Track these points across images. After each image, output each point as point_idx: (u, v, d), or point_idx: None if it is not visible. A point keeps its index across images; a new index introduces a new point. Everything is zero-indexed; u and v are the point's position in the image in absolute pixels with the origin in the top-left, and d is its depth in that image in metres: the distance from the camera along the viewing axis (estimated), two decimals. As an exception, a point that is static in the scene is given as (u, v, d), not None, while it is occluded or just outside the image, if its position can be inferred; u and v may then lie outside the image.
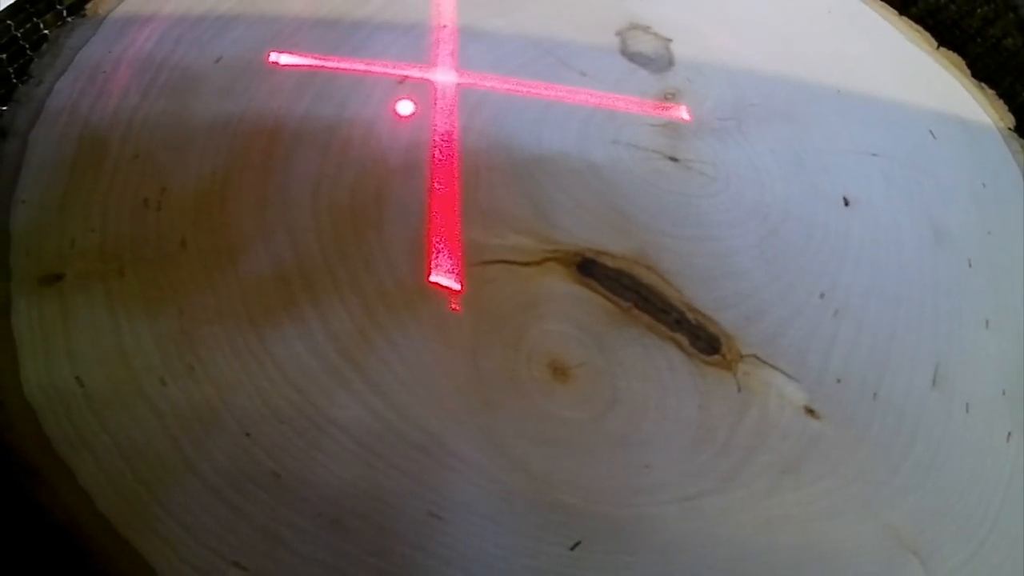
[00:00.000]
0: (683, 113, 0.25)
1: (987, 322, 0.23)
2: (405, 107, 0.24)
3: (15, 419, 0.20)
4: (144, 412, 0.20)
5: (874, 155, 0.26)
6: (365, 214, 0.22)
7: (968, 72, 0.29)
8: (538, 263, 0.21)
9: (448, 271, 0.21)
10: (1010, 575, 0.20)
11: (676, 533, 0.19)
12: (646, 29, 0.28)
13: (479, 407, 0.19)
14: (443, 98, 0.24)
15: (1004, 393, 0.22)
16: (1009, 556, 0.20)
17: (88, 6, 0.29)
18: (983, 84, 0.29)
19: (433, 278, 0.21)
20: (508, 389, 0.19)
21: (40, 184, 0.23)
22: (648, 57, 0.26)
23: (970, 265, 0.24)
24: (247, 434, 0.19)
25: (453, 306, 0.20)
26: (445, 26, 0.26)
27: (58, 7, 0.32)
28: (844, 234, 0.24)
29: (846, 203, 0.24)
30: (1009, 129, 0.28)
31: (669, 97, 0.25)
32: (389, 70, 0.25)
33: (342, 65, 0.25)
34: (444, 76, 0.25)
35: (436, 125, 0.23)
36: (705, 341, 0.21)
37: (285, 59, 0.25)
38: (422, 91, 0.24)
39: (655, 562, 0.18)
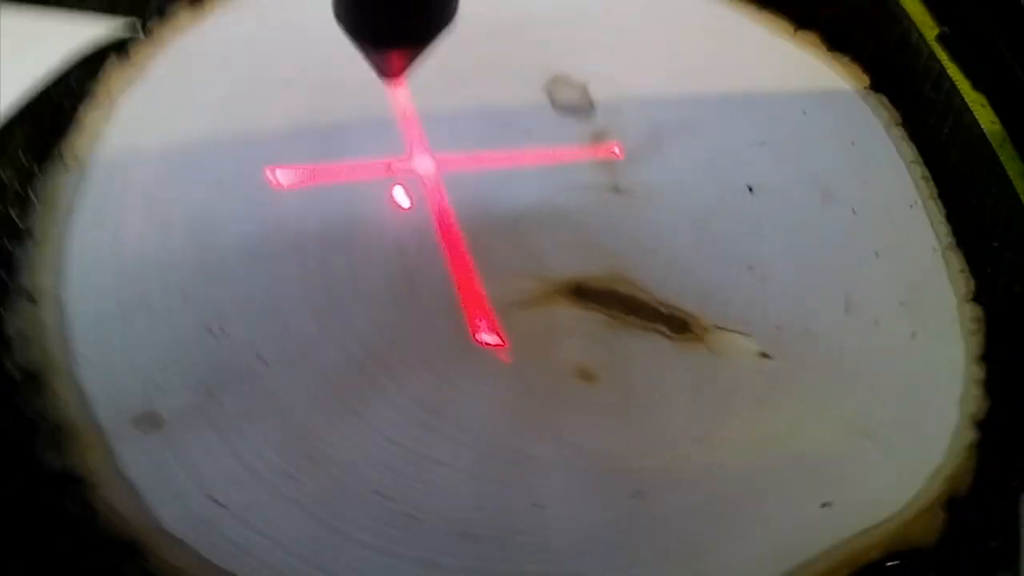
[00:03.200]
0: (613, 149, 0.39)
1: (876, 253, 0.38)
2: (402, 199, 0.36)
3: (168, 552, 0.27)
4: (285, 507, 0.29)
5: (763, 143, 0.40)
6: (404, 297, 0.34)
7: (824, 46, 0.44)
8: (546, 298, 0.34)
9: (487, 329, 0.33)
10: (933, 441, 0.34)
11: (698, 466, 0.31)
12: (567, 80, 0.41)
13: (541, 417, 0.31)
14: (429, 182, 0.37)
15: (902, 304, 0.37)
16: (928, 421, 0.34)
17: (64, 151, 0.36)
18: (837, 53, 0.44)
19: (478, 337, 0.33)
20: (556, 399, 0.32)
21: (94, 339, 0.31)
22: (573, 106, 0.40)
23: (854, 212, 0.39)
24: (376, 493, 0.30)
25: (501, 357, 0.33)
26: (406, 115, 0.38)
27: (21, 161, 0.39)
28: (755, 214, 0.38)
29: (750, 190, 0.39)
30: (866, 88, 0.43)
31: (599, 137, 0.39)
32: (376, 168, 0.37)
33: (334, 172, 0.36)
34: (423, 164, 0.37)
35: (432, 208, 0.36)
36: (678, 325, 0.34)
37: (282, 176, 0.36)
38: (410, 180, 0.37)
39: (689, 492, 0.31)
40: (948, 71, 0.46)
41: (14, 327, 0.32)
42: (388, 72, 0.29)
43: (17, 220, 0.37)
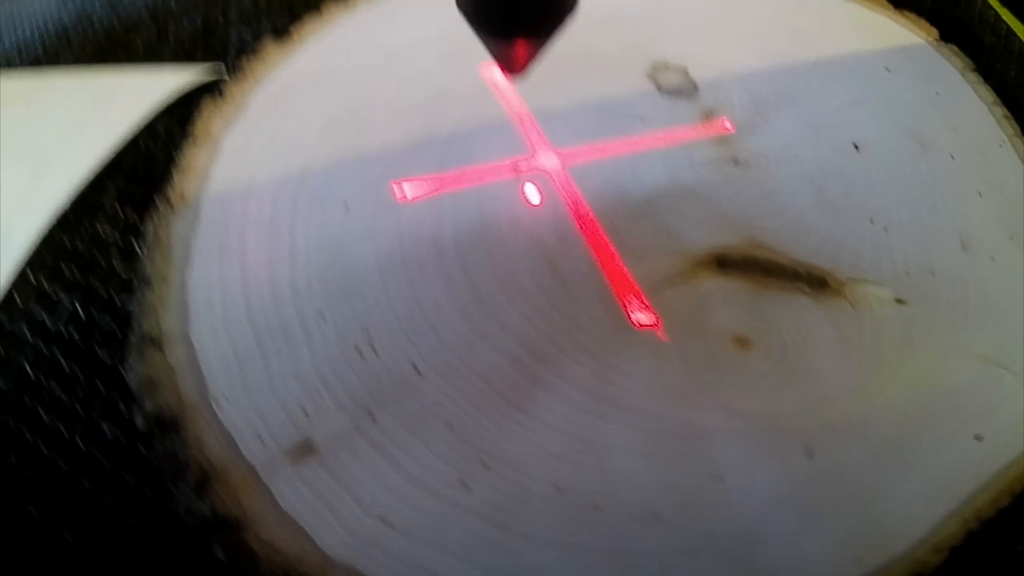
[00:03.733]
0: (725, 124, 0.40)
1: (979, 193, 0.39)
2: (532, 194, 0.37)
3: None
4: (459, 517, 0.29)
5: (857, 102, 0.41)
6: (553, 290, 0.34)
7: (890, 6, 0.46)
8: (690, 273, 0.35)
9: (641, 311, 0.34)
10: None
11: (857, 416, 0.32)
12: (666, 65, 0.42)
13: (708, 389, 0.32)
14: (558, 177, 0.37)
15: (1011, 238, 0.38)
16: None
17: (171, 194, 0.37)
18: (903, 10, 0.45)
19: (635, 319, 0.34)
20: (717, 368, 0.33)
21: (233, 375, 0.31)
22: (679, 89, 0.41)
23: (952, 157, 0.40)
24: (555, 487, 0.30)
25: (659, 334, 0.33)
26: (520, 115, 0.40)
27: (119, 214, 0.40)
28: (864, 170, 0.39)
29: (856, 147, 0.40)
30: (935, 39, 0.45)
31: (709, 115, 0.40)
32: (502, 168, 0.38)
33: (462, 177, 0.37)
34: (548, 160, 0.38)
35: (564, 200, 0.37)
36: (817, 282, 0.35)
37: (408, 188, 0.37)
38: (538, 177, 0.38)
39: (853, 443, 0.32)
40: (1003, 16, 0.47)
41: (141, 377, 0.32)
42: (513, 64, 0.29)
43: (124, 273, 0.37)
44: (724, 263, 0.36)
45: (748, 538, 0.30)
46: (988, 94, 0.43)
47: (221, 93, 0.40)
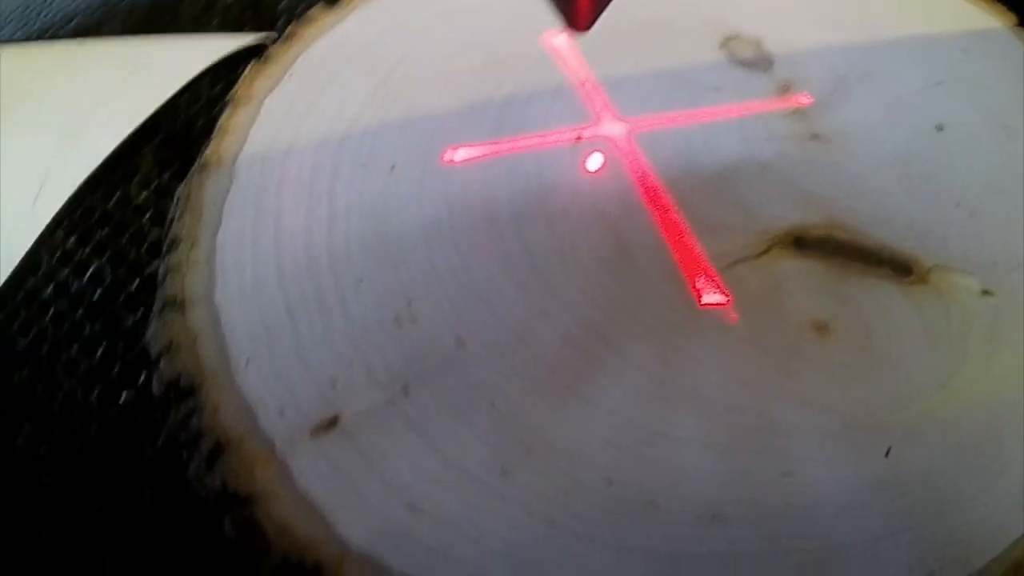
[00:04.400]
0: (803, 98, 0.37)
1: None
2: (594, 162, 0.34)
3: (355, 571, 0.24)
4: (501, 507, 0.26)
5: (938, 84, 0.39)
6: (616, 265, 0.31)
7: (966, -11, 0.43)
8: (766, 251, 0.32)
9: (712, 290, 0.31)
10: None
11: (942, 416, 0.29)
12: (738, 37, 0.39)
13: (783, 378, 0.29)
14: (623, 146, 0.34)
15: None
16: None
17: (207, 155, 0.34)
18: (980, -4, 0.43)
19: (705, 301, 0.31)
20: (794, 356, 0.30)
21: (259, 342, 0.29)
22: (754, 61, 0.38)
23: None
24: (609, 481, 0.27)
25: (730, 315, 0.30)
26: (584, 82, 0.37)
27: (156, 178, 0.39)
28: (948, 152, 0.36)
29: (939, 129, 0.37)
30: (1015, 25, 0.42)
31: (785, 89, 0.37)
32: (563, 135, 0.35)
33: (519, 144, 0.34)
34: (613, 127, 0.35)
35: (630, 170, 0.34)
36: (901, 268, 0.32)
37: (462, 153, 0.34)
38: (601, 145, 0.35)
39: (938, 444, 0.29)
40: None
41: (160, 341, 0.30)
42: (577, 17, 0.26)
43: (155, 236, 0.36)
44: (803, 243, 0.33)
45: (819, 544, 0.27)
46: None
47: (267, 56, 0.38)
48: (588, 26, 0.27)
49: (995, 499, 0.28)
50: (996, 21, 0.42)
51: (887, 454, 0.28)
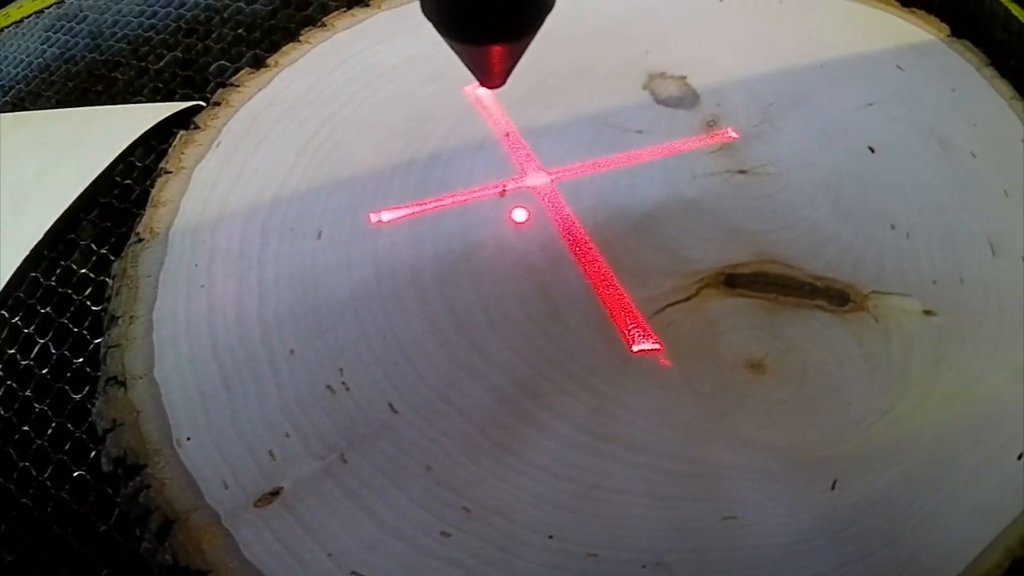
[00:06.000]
0: (731, 132, 0.36)
1: (1005, 192, 0.35)
2: (520, 214, 0.33)
3: None
4: (442, 568, 0.25)
5: (871, 104, 0.38)
6: (544, 318, 0.31)
7: (897, 4, 0.42)
8: (696, 294, 0.31)
9: (642, 337, 0.30)
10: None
11: (888, 443, 0.29)
12: (663, 75, 0.39)
13: (717, 421, 0.29)
14: (546, 196, 0.34)
15: None
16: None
17: (141, 228, 0.34)
18: (912, 8, 0.42)
19: (637, 348, 0.30)
20: (728, 397, 0.29)
21: (197, 415, 0.29)
22: (679, 98, 0.38)
23: (974, 155, 0.36)
24: (550, 537, 0.26)
25: (662, 362, 0.30)
26: (508, 134, 0.36)
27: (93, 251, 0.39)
28: (882, 173, 0.35)
29: (872, 150, 0.36)
30: (948, 36, 0.41)
31: (712, 124, 0.37)
32: (487, 190, 0.34)
33: (443, 201, 0.34)
34: (537, 179, 0.35)
35: (555, 220, 0.33)
36: (837, 297, 0.31)
37: (388, 215, 0.34)
38: (525, 197, 0.34)
39: (885, 472, 0.28)
40: (1013, 11, 0.43)
41: (105, 418, 0.30)
42: (490, 74, 0.26)
43: (95, 308, 0.36)
44: (734, 281, 0.32)
45: None
46: (1006, 89, 0.39)
47: (195, 125, 0.37)
48: (502, 82, 0.26)
49: (949, 519, 0.27)
50: (930, 33, 0.41)
51: (833, 487, 0.28)
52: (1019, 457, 0.29)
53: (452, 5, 0.23)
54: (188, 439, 0.28)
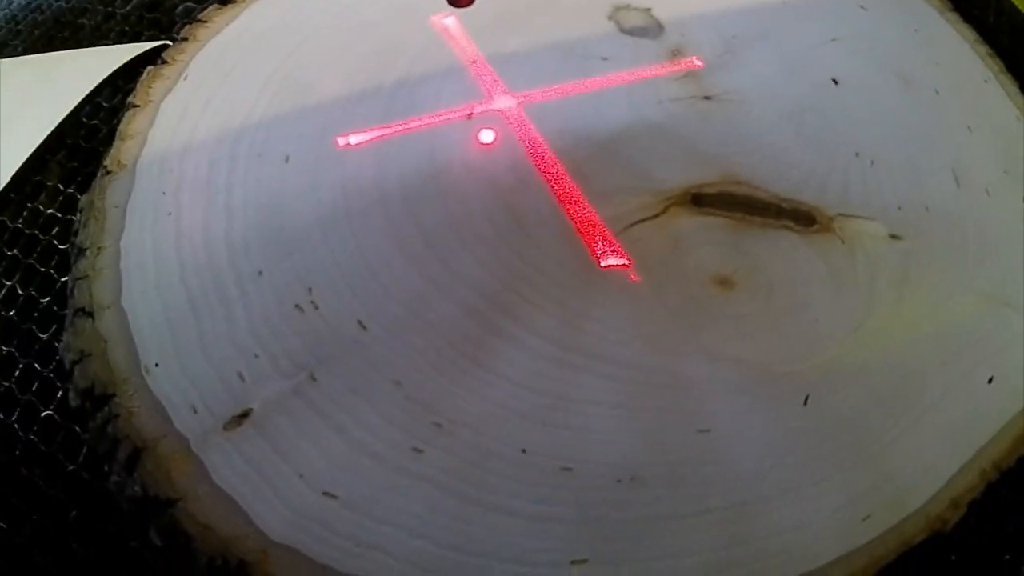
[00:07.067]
0: (695, 61, 0.37)
1: (969, 127, 0.36)
2: (487, 136, 0.33)
3: (277, 565, 0.24)
4: (414, 486, 0.25)
5: (834, 40, 0.38)
6: (512, 234, 0.31)
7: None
8: (663, 211, 0.31)
9: (609, 250, 0.30)
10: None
11: (856, 361, 0.29)
12: (628, 7, 0.39)
13: (687, 333, 0.29)
14: (513, 119, 0.34)
15: (1006, 172, 0.35)
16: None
17: (108, 162, 0.34)
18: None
19: (605, 263, 0.30)
20: (697, 311, 0.29)
21: (165, 341, 0.28)
22: (643, 29, 0.38)
23: (937, 92, 0.37)
24: (523, 451, 0.26)
25: (631, 277, 0.30)
26: (475, 61, 0.36)
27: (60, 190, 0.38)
28: (846, 105, 0.36)
29: (835, 83, 0.37)
30: (910, -19, 0.42)
31: (676, 54, 0.37)
32: (454, 113, 0.34)
33: (411, 125, 0.34)
34: (504, 102, 0.35)
35: (522, 142, 0.33)
36: (804, 218, 0.32)
37: (355, 139, 0.33)
38: (492, 120, 0.34)
39: (854, 389, 0.28)
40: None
41: (72, 351, 0.29)
42: None
43: (62, 244, 0.36)
44: (700, 200, 0.32)
45: (743, 498, 0.26)
46: (969, 33, 0.40)
47: (163, 60, 0.37)
48: (470, 1, 0.26)
49: (921, 440, 0.27)
50: (892, -23, 0.42)
51: (805, 402, 0.28)
52: (989, 381, 0.29)
53: None
54: (156, 365, 0.28)
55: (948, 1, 0.41)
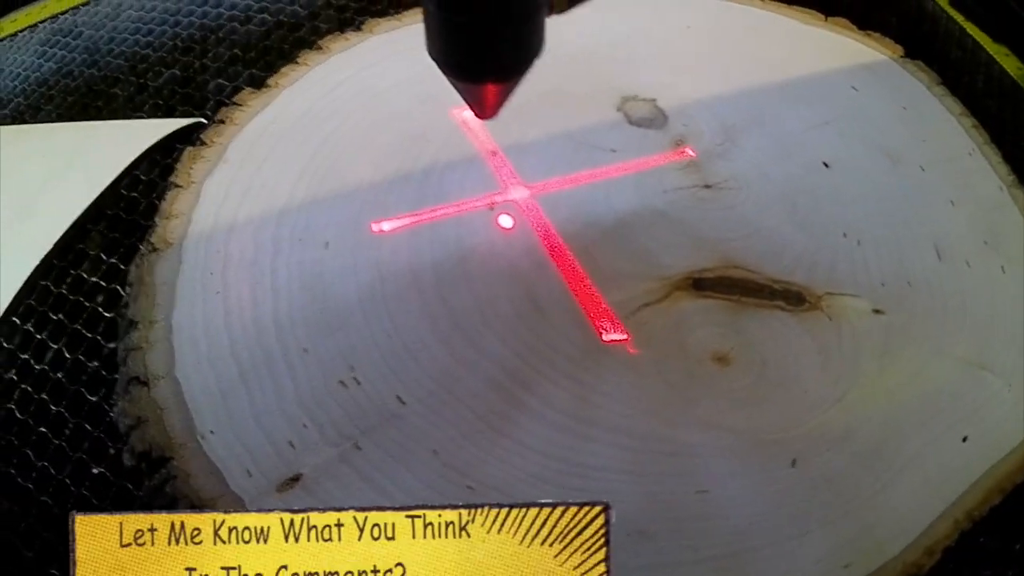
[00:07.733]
0: (690, 152, 0.42)
1: (952, 202, 0.40)
2: (506, 221, 0.39)
3: None
4: None
5: (826, 123, 0.43)
6: (530, 314, 0.35)
7: (855, 28, 0.48)
8: (667, 295, 0.36)
9: (613, 329, 0.35)
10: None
11: (840, 426, 0.33)
12: (635, 98, 0.44)
13: (686, 406, 0.33)
14: (528, 209, 0.39)
15: (985, 243, 0.39)
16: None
17: (154, 239, 0.38)
18: (869, 32, 0.47)
19: (607, 338, 0.35)
20: (696, 385, 0.34)
21: (219, 410, 0.33)
22: (649, 120, 0.43)
23: (922, 169, 0.41)
24: None
25: (631, 350, 0.35)
26: (494, 152, 0.41)
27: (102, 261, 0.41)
28: (835, 186, 0.41)
29: (826, 165, 0.41)
30: (902, 56, 0.46)
31: (679, 143, 0.42)
32: (477, 203, 0.39)
33: (437, 212, 0.39)
34: (519, 193, 0.40)
35: (536, 230, 0.38)
36: (794, 298, 0.36)
37: (388, 225, 0.38)
38: (510, 208, 0.39)
39: (839, 451, 0.32)
40: (968, 30, 0.49)
41: (128, 416, 0.33)
42: (484, 106, 0.31)
43: (108, 316, 0.39)
44: (701, 284, 0.37)
45: (736, 549, 0.30)
46: (955, 105, 0.44)
47: (202, 141, 0.42)
48: (493, 114, 0.31)
49: (899, 494, 0.32)
50: (884, 54, 0.47)
51: (793, 465, 0.32)
52: (964, 439, 0.33)
53: (454, 49, 0.28)
54: (211, 432, 0.32)
55: (936, 74, 0.46)
